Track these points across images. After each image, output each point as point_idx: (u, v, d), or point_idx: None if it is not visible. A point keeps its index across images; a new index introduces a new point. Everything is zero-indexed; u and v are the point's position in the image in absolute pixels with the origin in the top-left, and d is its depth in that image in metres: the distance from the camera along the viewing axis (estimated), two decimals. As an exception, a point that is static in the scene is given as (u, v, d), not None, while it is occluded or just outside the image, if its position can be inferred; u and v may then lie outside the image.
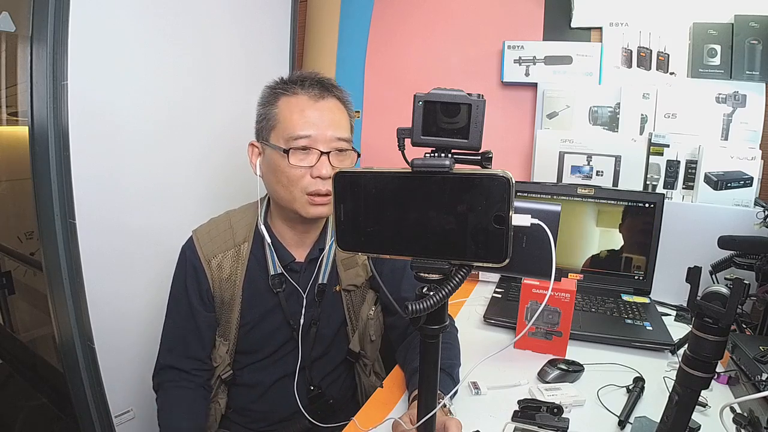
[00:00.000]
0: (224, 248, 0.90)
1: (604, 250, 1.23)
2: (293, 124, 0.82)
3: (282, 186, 0.84)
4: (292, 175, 0.82)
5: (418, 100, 0.41)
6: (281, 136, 0.83)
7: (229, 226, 0.92)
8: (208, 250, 0.89)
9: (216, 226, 0.92)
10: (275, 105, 0.85)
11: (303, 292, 0.90)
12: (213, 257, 0.89)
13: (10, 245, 1.58)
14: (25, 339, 1.61)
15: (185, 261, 0.90)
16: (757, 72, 1.22)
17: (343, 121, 0.87)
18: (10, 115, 1.48)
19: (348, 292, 0.93)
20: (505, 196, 0.40)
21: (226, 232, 0.91)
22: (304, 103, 0.83)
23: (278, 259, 0.89)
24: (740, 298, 0.47)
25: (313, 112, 0.83)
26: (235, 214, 0.94)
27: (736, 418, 0.65)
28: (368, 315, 0.95)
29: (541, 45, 1.38)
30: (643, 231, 1.19)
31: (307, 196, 0.83)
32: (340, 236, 0.47)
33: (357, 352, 0.96)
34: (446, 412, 0.70)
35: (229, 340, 0.91)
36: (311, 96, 0.84)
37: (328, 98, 0.86)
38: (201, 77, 1.22)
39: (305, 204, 0.83)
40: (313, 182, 0.82)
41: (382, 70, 1.57)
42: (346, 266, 0.93)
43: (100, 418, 1.05)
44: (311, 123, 0.82)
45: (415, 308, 0.42)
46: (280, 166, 0.83)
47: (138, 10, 1.05)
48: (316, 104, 0.84)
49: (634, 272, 1.21)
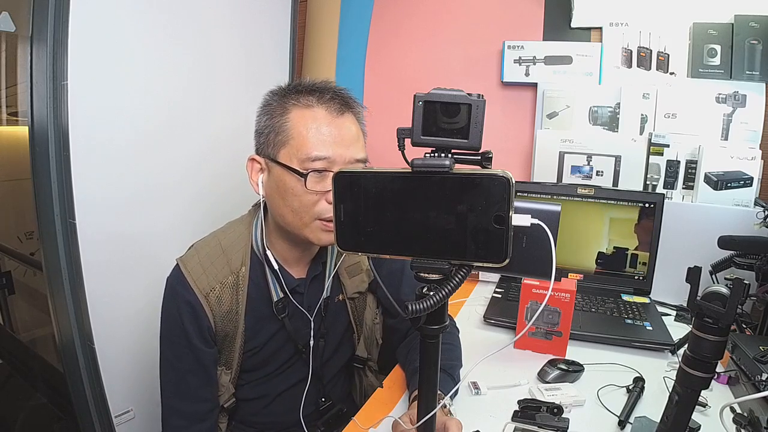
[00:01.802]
0: (221, 278, 0.80)
1: (607, 250, 1.23)
2: (309, 142, 0.72)
3: (291, 210, 0.75)
4: (306, 200, 0.73)
5: (418, 100, 0.41)
6: (294, 156, 0.73)
7: (221, 251, 0.81)
8: (204, 284, 0.78)
9: (207, 253, 0.81)
10: (286, 117, 0.74)
11: (309, 314, 0.84)
12: (210, 290, 0.79)
13: (10, 245, 1.58)
14: (25, 339, 1.61)
15: (177, 297, 0.79)
16: (757, 72, 1.22)
17: (361, 140, 0.79)
18: (10, 115, 1.48)
19: (353, 300, 0.90)
20: (505, 196, 0.40)
21: (220, 258, 0.81)
22: (321, 118, 0.74)
23: (279, 282, 0.81)
24: (740, 298, 0.47)
25: (332, 131, 0.73)
26: (225, 236, 0.83)
27: (736, 418, 0.65)
28: (373, 320, 0.93)
29: (541, 45, 1.38)
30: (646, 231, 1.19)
31: (320, 222, 0.75)
32: (340, 236, 0.47)
33: (364, 358, 0.94)
34: (446, 413, 0.70)
35: (231, 368, 0.84)
36: (330, 111, 0.74)
37: (347, 114, 0.76)
38: (201, 77, 1.22)
39: (317, 230, 0.75)
40: (328, 208, 0.73)
41: (382, 70, 1.57)
42: (351, 273, 0.89)
43: (100, 418, 1.05)
44: (330, 143, 0.73)
45: (415, 308, 0.42)
46: (293, 189, 0.73)
47: (138, 10, 1.05)
48: (334, 121, 0.74)
49: (635, 272, 1.21)
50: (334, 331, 0.91)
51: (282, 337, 0.86)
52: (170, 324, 0.80)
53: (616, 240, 1.22)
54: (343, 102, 0.76)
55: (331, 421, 0.91)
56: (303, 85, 0.77)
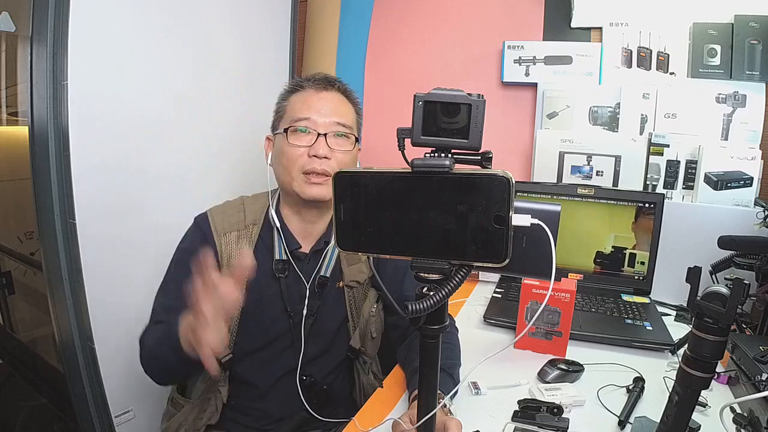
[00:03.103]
0: (235, 227, 0.93)
1: (606, 249, 1.23)
2: (296, 110, 0.89)
3: (283, 168, 0.89)
4: (291, 154, 0.87)
5: (418, 100, 0.41)
6: (286, 122, 0.90)
7: (241, 208, 0.95)
8: (221, 226, 0.92)
9: (230, 206, 0.96)
10: (287, 100, 0.93)
11: (306, 282, 0.91)
12: (224, 233, 0.91)
13: (10, 245, 1.58)
14: (25, 339, 1.60)
15: (197, 230, 0.93)
16: (757, 72, 1.22)
17: (346, 110, 0.92)
18: (10, 115, 1.48)
19: (351, 288, 0.94)
20: (505, 196, 0.40)
21: (239, 213, 0.94)
22: (308, 94, 0.91)
23: (285, 245, 0.91)
24: (740, 298, 0.47)
25: (315, 101, 0.89)
26: (248, 198, 0.98)
27: (736, 418, 0.65)
28: (370, 312, 0.95)
29: (541, 45, 1.38)
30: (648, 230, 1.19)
31: (304, 175, 0.87)
32: (341, 236, 0.47)
33: (357, 349, 0.95)
34: (446, 412, 0.70)
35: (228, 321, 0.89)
36: (316, 87, 0.91)
37: (332, 90, 0.92)
38: (201, 77, 1.22)
39: (302, 183, 0.87)
40: (309, 161, 0.86)
41: (382, 70, 1.57)
42: (350, 262, 0.94)
43: (100, 418, 1.05)
44: (312, 109, 0.88)
45: (415, 308, 0.42)
46: (282, 148, 0.89)
47: (138, 10, 1.05)
48: (318, 94, 0.91)
49: (635, 272, 1.21)
50: (330, 316, 0.93)
51: (276, 306, 0.91)
52: (183, 249, 0.92)
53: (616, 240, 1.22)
54: (327, 81, 0.92)
55: (316, 400, 0.92)
56: (305, 77, 0.94)
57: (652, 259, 1.18)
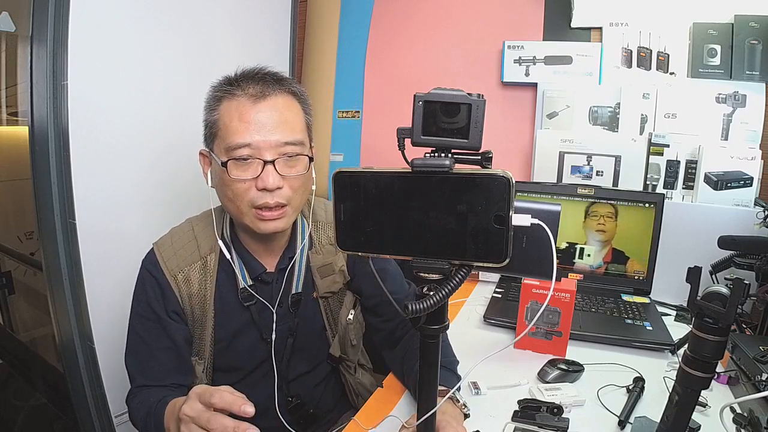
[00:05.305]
0: (190, 261, 0.81)
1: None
2: (232, 131, 0.72)
3: (229, 200, 0.76)
4: (237, 189, 0.73)
5: (418, 100, 0.41)
6: (222, 147, 0.73)
7: (192, 236, 0.83)
8: (173, 265, 0.80)
9: (179, 237, 0.83)
10: (217, 110, 0.75)
11: (272, 306, 0.83)
12: (179, 272, 0.80)
13: (10, 245, 1.58)
14: (25, 339, 1.61)
15: (148, 277, 0.81)
16: (757, 72, 1.22)
17: (293, 119, 0.76)
18: (10, 115, 1.48)
19: (325, 298, 0.89)
20: (505, 196, 0.40)
21: (191, 243, 0.83)
22: (243, 106, 0.73)
23: (248, 270, 0.82)
24: (740, 298, 0.47)
25: (253, 116, 0.72)
26: (198, 222, 0.86)
27: (736, 418, 0.65)
28: (347, 320, 0.90)
29: (541, 45, 1.38)
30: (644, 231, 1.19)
31: (254, 210, 0.74)
32: (340, 236, 0.47)
33: (338, 357, 0.92)
34: (460, 407, 0.70)
35: (204, 358, 0.83)
36: (250, 97, 0.73)
37: (273, 96, 0.74)
38: (200, 77, 1.21)
39: (254, 219, 0.75)
40: (260, 195, 0.73)
41: (382, 70, 1.57)
42: (323, 274, 0.87)
43: (100, 418, 1.05)
44: (251, 129, 0.72)
45: (415, 308, 0.42)
46: (224, 179, 0.74)
47: (138, 11, 1.05)
48: (255, 106, 0.73)
49: (635, 272, 1.21)
50: (309, 330, 0.89)
51: (252, 335, 0.84)
52: (140, 302, 0.82)
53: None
54: (264, 83, 0.75)
55: (302, 421, 0.89)
56: (233, 76, 0.77)
57: (652, 259, 1.18)
